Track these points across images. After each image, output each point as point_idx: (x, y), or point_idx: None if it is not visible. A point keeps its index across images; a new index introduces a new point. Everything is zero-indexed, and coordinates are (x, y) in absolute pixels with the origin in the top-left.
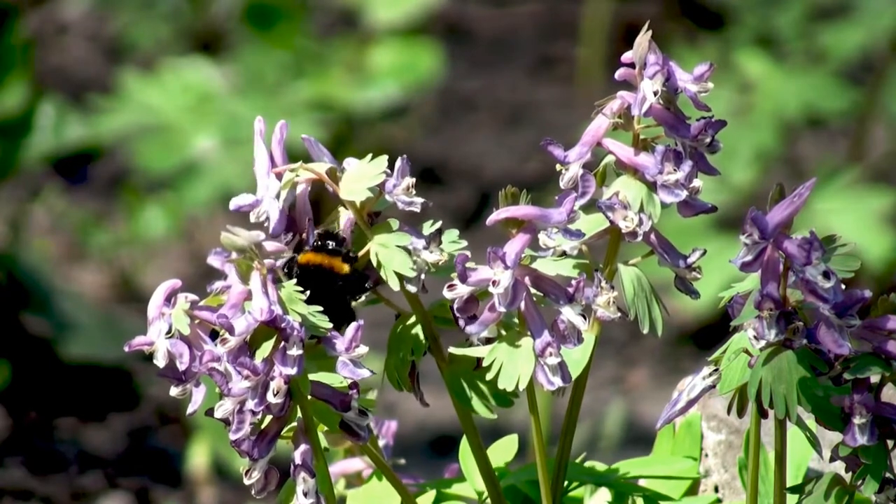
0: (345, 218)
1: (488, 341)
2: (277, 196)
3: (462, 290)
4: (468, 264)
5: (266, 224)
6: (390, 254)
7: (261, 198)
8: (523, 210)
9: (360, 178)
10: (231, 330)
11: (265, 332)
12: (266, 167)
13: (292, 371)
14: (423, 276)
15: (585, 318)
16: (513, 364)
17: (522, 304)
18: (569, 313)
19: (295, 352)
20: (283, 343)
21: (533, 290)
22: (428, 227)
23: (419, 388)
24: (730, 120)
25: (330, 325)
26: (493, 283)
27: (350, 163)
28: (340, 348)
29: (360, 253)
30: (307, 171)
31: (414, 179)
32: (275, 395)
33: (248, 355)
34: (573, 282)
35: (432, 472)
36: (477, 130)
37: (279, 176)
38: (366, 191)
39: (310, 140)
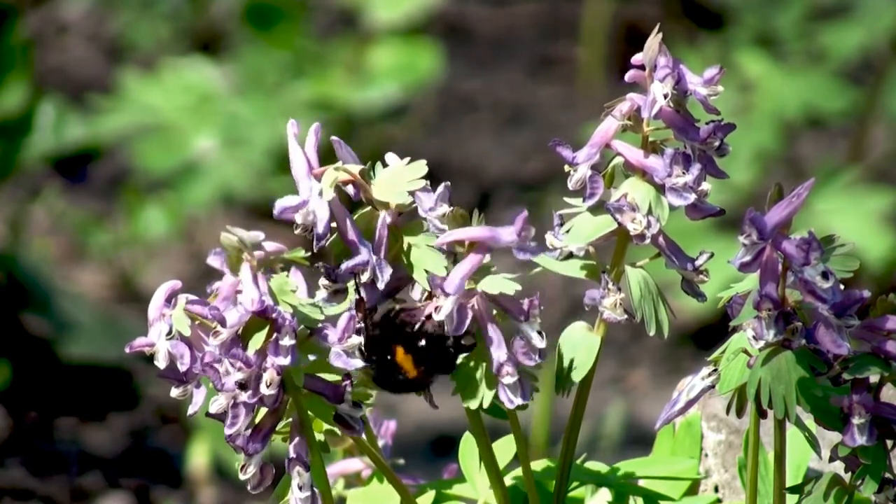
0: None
1: (470, 348)
2: (321, 194)
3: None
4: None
5: (296, 225)
6: (422, 254)
7: (306, 198)
8: (471, 232)
9: (396, 180)
10: (223, 322)
11: (257, 324)
12: (305, 169)
13: (285, 361)
14: None
15: (543, 336)
16: (475, 382)
17: (483, 324)
18: (527, 330)
19: (287, 342)
20: (275, 334)
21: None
22: None
23: (429, 390)
24: (730, 120)
25: (322, 317)
26: (436, 309)
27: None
28: (333, 339)
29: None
30: (343, 172)
31: (452, 209)
32: (268, 387)
33: (240, 347)
34: (526, 301)
35: (432, 472)
36: (477, 130)
37: (317, 178)
38: (403, 194)
39: (339, 142)
